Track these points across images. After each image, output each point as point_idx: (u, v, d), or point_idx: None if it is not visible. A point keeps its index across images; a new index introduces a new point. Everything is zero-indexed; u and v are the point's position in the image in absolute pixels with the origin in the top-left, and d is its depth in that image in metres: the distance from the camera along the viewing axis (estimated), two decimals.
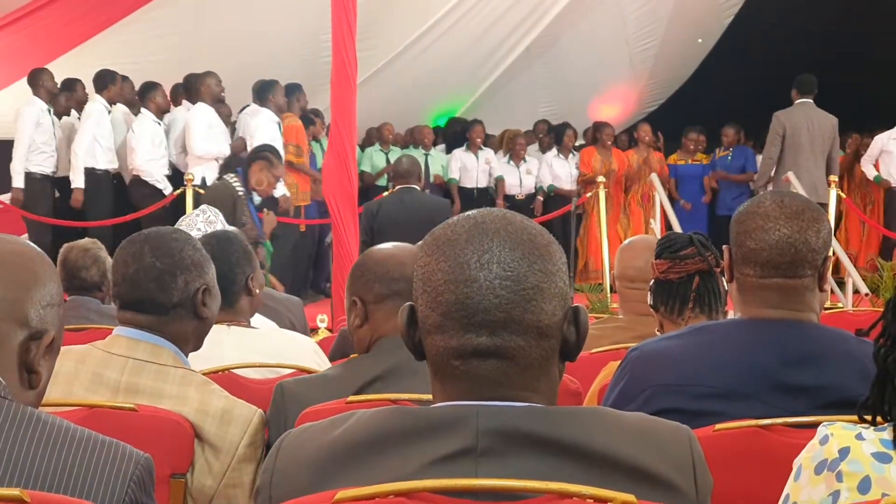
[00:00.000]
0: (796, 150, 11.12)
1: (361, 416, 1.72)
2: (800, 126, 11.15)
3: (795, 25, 15.59)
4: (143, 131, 10.94)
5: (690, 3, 15.75)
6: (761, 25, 15.71)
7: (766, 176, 11.47)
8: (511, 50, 15.13)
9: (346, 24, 8.42)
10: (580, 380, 3.35)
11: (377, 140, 14.09)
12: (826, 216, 2.70)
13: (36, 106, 10.90)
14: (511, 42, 14.99)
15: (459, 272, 1.68)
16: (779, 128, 11.19)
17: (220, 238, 3.99)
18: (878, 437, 1.83)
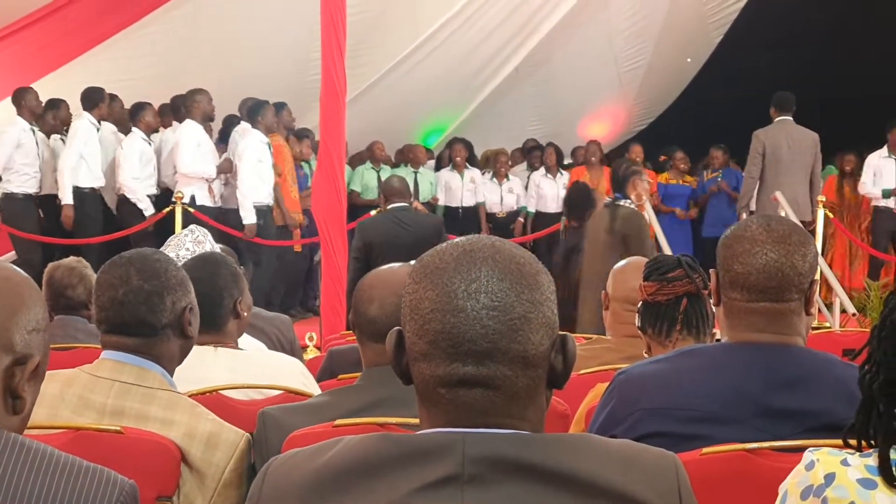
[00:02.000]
0: (777, 168, 11.10)
1: (348, 443, 1.72)
2: (780, 143, 11.14)
3: (784, 45, 15.63)
4: (132, 149, 10.96)
5: (679, 22, 15.79)
6: (750, 45, 15.74)
7: (749, 195, 11.47)
8: (500, 68, 15.14)
9: (335, 41, 8.43)
10: (568, 401, 3.35)
11: (368, 158, 14.11)
12: (812, 240, 2.71)
13: (18, 126, 10.87)
14: (500, 60, 15.01)
15: (447, 301, 1.68)
16: (759, 146, 11.19)
17: (208, 260, 3.97)
18: (864, 464, 1.84)
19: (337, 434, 1.91)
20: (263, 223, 10.98)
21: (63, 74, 12.29)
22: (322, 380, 4.19)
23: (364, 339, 3.01)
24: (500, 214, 14.02)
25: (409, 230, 8.62)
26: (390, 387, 2.69)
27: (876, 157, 13.13)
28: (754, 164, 11.28)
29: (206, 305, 3.57)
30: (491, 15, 14.08)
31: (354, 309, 3.06)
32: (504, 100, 15.75)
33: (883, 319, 1.88)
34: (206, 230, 5.22)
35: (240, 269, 4.13)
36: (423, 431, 1.71)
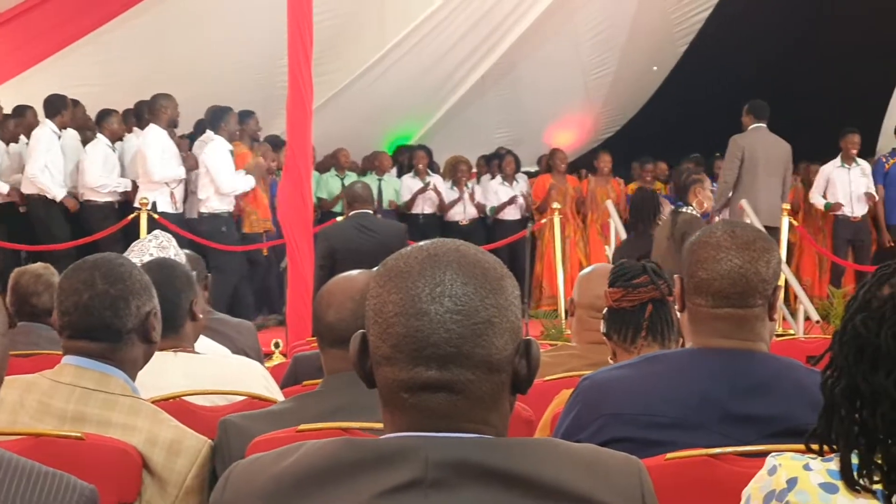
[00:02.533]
0: (754, 175, 11.12)
1: (310, 447, 1.71)
2: (757, 150, 11.17)
3: (749, 55, 15.71)
4: (97, 155, 10.91)
5: (645, 31, 15.85)
6: (716, 54, 15.81)
7: (723, 200, 11.45)
8: (467, 76, 15.16)
9: (301, 49, 8.43)
10: (533, 407, 3.35)
11: (333, 165, 14.11)
12: (776, 246, 2.73)
13: None
14: (467, 68, 15.03)
15: (410, 305, 1.68)
16: (737, 151, 11.21)
17: (164, 264, 3.96)
18: (826, 468, 1.85)
19: (300, 439, 1.90)
20: (226, 230, 10.95)
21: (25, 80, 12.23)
22: (287, 386, 4.18)
23: (324, 345, 3.01)
24: (462, 222, 14.02)
25: (372, 236, 8.62)
26: (352, 392, 2.70)
27: (830, 166, 13.26)
28: (730, 170, 11.28)
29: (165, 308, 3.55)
30: (458, 23, 14.11)
31: (314, 315, 3.06)
32: (471, 108, 15.77)
33: (844, 325, 1.89)
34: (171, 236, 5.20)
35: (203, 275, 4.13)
36: (386, 436, 1.71)
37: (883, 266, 1.91)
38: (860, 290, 1.90)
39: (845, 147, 13.17)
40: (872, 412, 1.79)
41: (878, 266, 1.93)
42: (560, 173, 14.09)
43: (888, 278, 1.86)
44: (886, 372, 1.78)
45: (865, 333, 1.83)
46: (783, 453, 1.94)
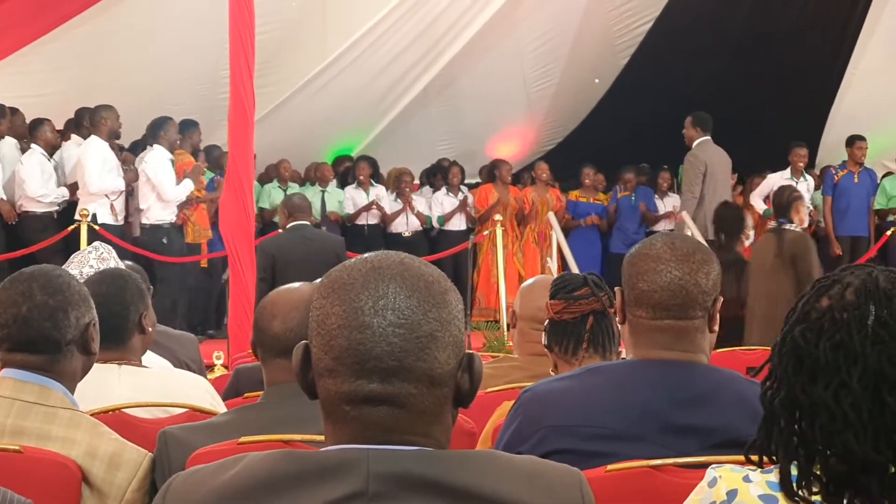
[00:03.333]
0: (715, 187, 11.10)
1: (251, 460, 1.70)
2: (714, 163, 11.20)
3: (690, 67, 15.81)
4: (33, 165, 10.80)
5: (587, 43, 15.90)
6: (657, 66, 15.91)
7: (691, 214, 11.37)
8: (409, 88, 15.15)
9: (243, 60, 8.39)
10: (475, 419, 3.35)
11: (275, 176, 14.06)
12: (715, 258, 2.74)
13: None
14: (409, 80, 15.02)
15: (353, 318, 1.67)
16: (700, 165, 11.19)
17: (114, 275, 3.94)
18: (765, 480, 1.86)
19: (241, 451, 1.89)
20: (168, 241, 10.88)
21: None
22: (228, 398, 4.16)
23: (268, 357, 2.99)
24: (406, 234, 14.02)
25: (312, 247, 8.62)
26: (295, 404, 2.68)
27: (778, 177, 13.33)
28: (697, 184, 11.22)
29: (112, 320, 3.54)
30: (400, 35, 14.10)
31: (257, 327, 3.04)
32: (413, 119, 15.76)
33: (783, 336, 1.90)
34: (111, 247, 5.16)
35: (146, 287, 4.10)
36: (327, 448, 1.70)
37: (822, 278, 1.93)
38: (799, 302, 1.91)
39: (794, 161, 13.27)
40: (811, 423, 1.81)
41: (818, 278, 1.95)
42: (504, 184, 14.13)
43: (827, 290, 1.87)
44: (825, 383, 1.80)
45: (804, 345, 1.84)
46: (723, 465, 1.95)
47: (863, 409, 1.76)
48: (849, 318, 1.81)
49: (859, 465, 1.77)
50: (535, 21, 15.37)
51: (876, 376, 1.77)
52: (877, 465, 1.76)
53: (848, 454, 1.77)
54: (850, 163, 13.54)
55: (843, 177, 13.51)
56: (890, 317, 1.80)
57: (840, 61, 15.82)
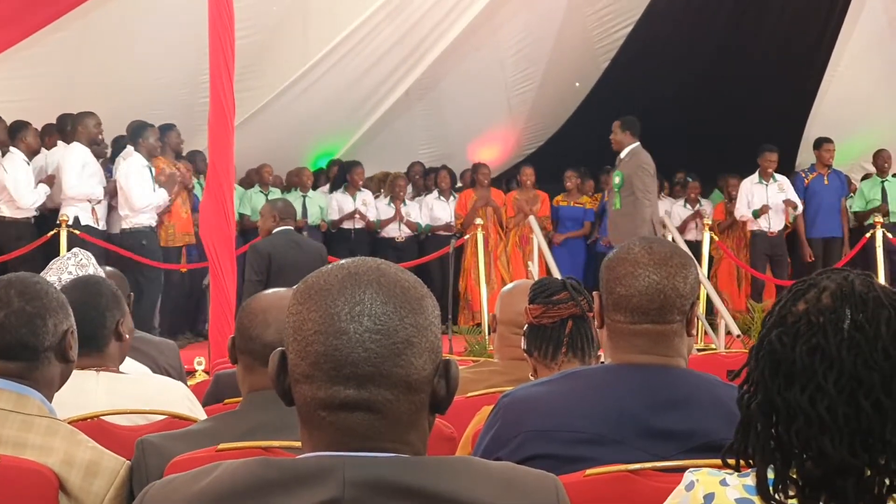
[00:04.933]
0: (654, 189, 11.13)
1: (227, 468, 1.70)
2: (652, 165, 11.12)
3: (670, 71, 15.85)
4: (15, 170, 10.74)
5: (568, 47, 15.92)
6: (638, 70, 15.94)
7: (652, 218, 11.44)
8: (390, 92, 15.15)
9: (223, 65, 8.38)
10: (455, 424, 3.35)
11: (257, 181, 14.05)
12: (693, 262, 2.75)
13: None
14: (390, 84, 15.02)
15: (330, 323, 1.68)
16: (650, 168, 11.17)
17: (90, 282, 3.93)
18: (742, 483, 1.86)
19: (220, 459, 1.88)
20: (148, 245, 10.85)
21: None
22: (208, 404, 4.15)
23: (255, 365, 2.94)
24: (398, 239, 14.03)
25: (304, 252, 8.66)
26: (274, 410, 2.67)
27: (748, 182, 13.45)
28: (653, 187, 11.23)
29: (88, 327, 3.53)
30: (381, 39, 14.09)
31: (246, 334, 2.99)
32: (394, 124, 15.76)
33: (760, 340, 1.91)
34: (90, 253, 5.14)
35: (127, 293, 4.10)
36: (303, 455, 1.71)
37: (798, 282, 1.93)
38: (776, 306, 1.92)
39: (762, 164, 13.38)
40: (788, 427, 1.81)
41: (794, 282, 1.96)
42: (483, 188, 14.16)
43: (803, 294, 1.88)
44: (801, 387, 1.80)
45: (781, 349, 1.85)
46: (700, 469, 1.95)
47: (838, 413, 1.77)
48: (825, 322, 1.82)
49: (835, 468, 1.77)
50: (516, 25, 15.39)
51: (851, 380, 1.78)
52: (852, 468, 1.77)
53: (824, 457, 1.78)
54: (819, 165, 13.64)
55: (813, 179, 13.60)
56: (865, 321, 1.81)
57: (819, 63, 15.89)
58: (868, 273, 1.90)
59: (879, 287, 1.86)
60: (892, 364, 1.79)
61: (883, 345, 1.79)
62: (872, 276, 1.89)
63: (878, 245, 12.17)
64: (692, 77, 15.86)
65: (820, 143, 13.60)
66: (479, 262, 12.27)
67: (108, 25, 12.43)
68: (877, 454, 1.77)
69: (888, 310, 1.82)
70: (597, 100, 16.57)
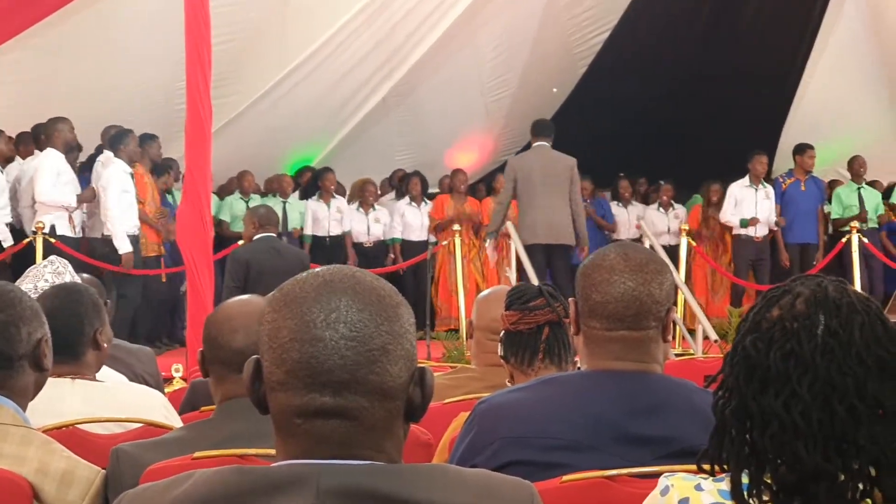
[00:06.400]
0: (531, 193, 10.94)
1: (201, 476, 1.69)
2: (532, 169, 10.98)
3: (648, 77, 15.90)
4: None
5: (545, 53, 15.96)
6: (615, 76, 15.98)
7: (497, 221, 11.35)
8: (368, 98, 15.16)
9: (200, 72, 8.35)
10: (432, 431, 3.35)
11: (237, 188, 14.03)
12: (668, 268, 2.76)
13: None
14: (367, 91, 15.03)
15: (305, 331, 1.68)
16: (511, 172, 11.10)
17: (69, 289, 3.93)
18: (717, 488, 1.87)
19: (196, 467, 1.88)
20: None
21: None
22: (185, 412, 4.14)
23: (226, 373, 2.95)
24: (367, 244, 14.04)
25: (282, 258, 8.65)
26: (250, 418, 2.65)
27: (737, 186, 13.45)
28: (505, 192, 11.23)
29: (66, 334, 3.52)
30: (358, 45, 14.10)
31: (213, 342, 2.99)
32: (372, 130, 15.77)
33: (735, 346, 1.91)
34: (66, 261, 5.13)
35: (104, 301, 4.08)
36: (278, 463, 1.70)
37: (772, 288, 1.94)
38: (750, 312, 1.92)
39: (754, 168, 13.38)
40: (762, 432, 1.82)
41: (769, 288, 1.97)
42: (460, 194, 14.18)
43: (777, 300, 1.89)
44: (776, 393, 1.81)
45: (755, 355, 1.85)
46: (675, 474, 1.96)
47: (813, 418, 1.78)
48: (799, 328, 1.83)
49: (809, 473, 1.78)
50: (493, 30, 15.42)
51: (825, 385, 1.79)
52: (826, 473, 1.77)
53: (798, 463, 1.78)
54: (798, 171, 13.68)
55: (791, 185, 13.65)
56: (839, 326, 1.82)
57: (795, 70, 15.97)
58: (841, 279, 1.91)
59: (853, 293, 1.87)
60: (866, 369, 1.79)
61: (856, 350, 1.80)
62: (846, 282, 1.90)
63: (854, 251, 12.21)
64: (669, 83, 15.91)
65: (803, 150, 13.62)
66: (454, 267, 12.27)
67: (84, 32, 12.40)
68: (850, 459, 1.78)
69: (861, 315, 1.83)
70: (574, 106, 16.60)
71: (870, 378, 1.79)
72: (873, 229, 13.39)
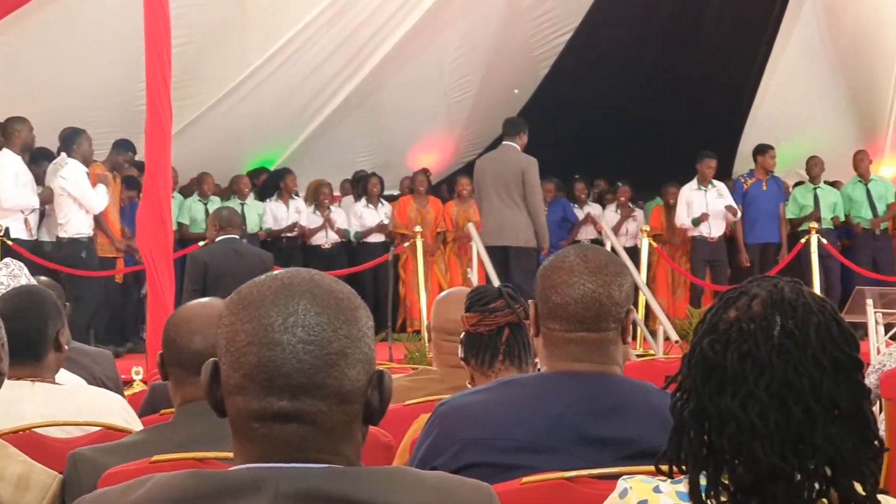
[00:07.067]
0: (484, 195, 10.85)
1: (158, 481, 1.68)
2: (486, 170, 10.90)
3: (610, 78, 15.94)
4: None
5: (507, 53, 15.96)
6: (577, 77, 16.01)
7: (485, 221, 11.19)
8: (329, 100, 15.11)
9: (160, 73, 8.32)
10: (393, 433, 3.34)
11: (197, 190, 13.96)
12: (628, 270, 2.77)
13: None
14: (329, 92, 14.98)
15: (263, 335, 1.67)
16: (475, 174, 11.11)
17: (32, 291, 3.92)
18: (675, 490, 1.88)
19: (154, 470, 1.87)
20: (86, 255, 10.74)
21: None
22: (144, 415, 4.12)
23: (185, 376, 2.94)
24: (324, 246, 13.99)
25: (242, 261, 8.61)
26: (207, 422, 2.65)
27: (687, 189, 13.58)
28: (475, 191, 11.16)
29: (28, 336, 3.50)
30: (320, 46, 14.07)
31: (172, 345, 2.98)
32: (334, 131, 15.72)
33: (692, 347, 1.92)
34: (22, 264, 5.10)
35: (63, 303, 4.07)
36: (236, 467, 1.70)
37: (729, 290, 1.95)
38: (707, 314, 1.93)
39: (701, 170, 13.51)
40: (720, 433, 1.83)
41: (727, 289, 1.98)
42: (421, 196, 14.18)
43: (734, 302, 1.90)
44: (733, 393, 1.82)
45: (712, 356, 1.86)
46: (634, 476, 1.97)
47: (769, 419, 1.79)
48: (755, 329, 1.84)
49: (766, 473, 1.79)
50: (455, 31, 15.40)
51: (782, 386, 1.80)
52: (782, 473, 1.79)
53: (755, 463, 1.79)
54: (759, 171, 13.76)
55: (752, 185, 13.73)
56: (795, 327, 1.83)
57: (755, 73, 16.06)
58: (797, 280, 1.92)
59: (808, 294, 1.89)
60: (822, 370, 1.81)
61: (812, 351, 1.81)
62: (801, 284, 1.91)
63: (813, 251, 12.29)
64: (630, 85, 15.95)
65: (764, 150, 13.71)
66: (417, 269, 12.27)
67: (44, 32, 12.32)
68: (806, 459, 1.79)
69: (817, 316, 1.84)
70: (536, 107, 16.61)
71: (825, 379, 1.81)
72: (829, 230, 13.47)
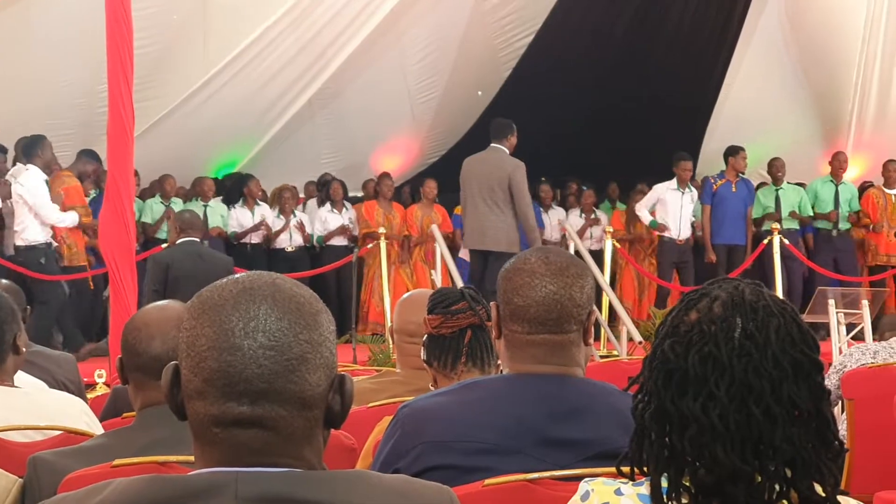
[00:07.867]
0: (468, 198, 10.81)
1: (118, 485, 1.67)
2: (471, 173, 10.83)
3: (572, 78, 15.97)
4: None
5: (470, 55, 15.96)
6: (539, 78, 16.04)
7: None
8: (293, 101, 15.06)
9: (122, 74, 8.28)
10: (356, 435, 3.34)
11: (158, 192, 13.89)
12: (590, 272, 2.77)
13: None
14: (293, 94, 14.94)
15: (223, 339, 1.67)
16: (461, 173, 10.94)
17: None
18: (637, 492, 1.88)
19: (116, 475, 1.86)
20: (45, 261, 10.65)
21: None
22: (106, 418, 4.10)
23: (145, 380, 2.93)
24: (288, 249, 13.96)
25: (203, 264, 8.59)
26: (169, 426, 2.65)
27: (664, 187, 13.55)
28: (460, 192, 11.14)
29: None
30: (283, 48, 14.03)
31: (131, 349, 2.97)
32: (297, 133, 15.68)
33: (654, 349, 1.93)
34: None
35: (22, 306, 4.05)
36: (196, 471, 1.69)
37: (690, 292, 1.96)
38: (668, 316, 1.94)
39: (679, 173, 13.50)
40: (681, 435, 1.83)
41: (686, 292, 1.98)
42: (386, 199, 14.17)
43: (695, 304, 1.90)
44: (694, 395, 1.82)
45: (673, 358, 1.86)
46: (596, 478, 1.97)
47: (730, 420, 1.79)
48: (716, 331, 1.84)
49: (727, 474, 1.80)
50: (418, 33, 15.40)
51: (743, 387, 1.80)
52: (743, 474, 1.79)
53: (716, 464, 1.80)
54: (729, 172, 13.77)
55: (722, 186, 13.75)
56: (756, 329, 1.83)
57: (717, 74, 16.13)
58: (758, 282, 1.93)
59: (769, 296, 1.89)
60: (782, 371, 1.81)
61: (772, 352, 1.82)
62: (762, 285, 1.92)
63: (776, 252, 12.35)
64: (593, 85, 16.00)
65: (735, 151, 13.69)
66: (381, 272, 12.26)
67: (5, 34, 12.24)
68: (767, 460, 1.80)
69: (777, 318, 1.85)
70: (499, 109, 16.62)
71: (785, 380, 1.81)
72: (792, 230, 13.53)
